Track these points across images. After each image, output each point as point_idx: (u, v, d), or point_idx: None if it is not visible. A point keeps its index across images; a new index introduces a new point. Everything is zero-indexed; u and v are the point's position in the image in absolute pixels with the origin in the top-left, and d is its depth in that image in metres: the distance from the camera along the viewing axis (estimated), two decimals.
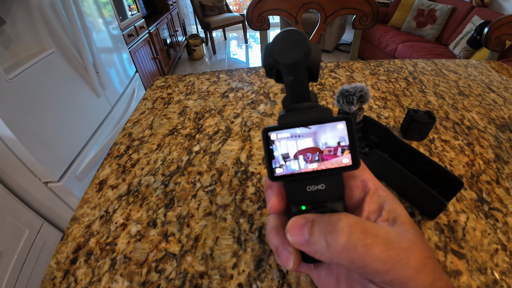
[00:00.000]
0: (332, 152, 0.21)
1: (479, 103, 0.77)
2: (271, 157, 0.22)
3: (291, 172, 0.22)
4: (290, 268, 0.21)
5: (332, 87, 0.86)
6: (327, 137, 0.21)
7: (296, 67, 0.21)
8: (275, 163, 0.22)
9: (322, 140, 0.21)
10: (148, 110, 0.79)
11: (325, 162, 0.21)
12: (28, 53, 1.25)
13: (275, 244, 0.22)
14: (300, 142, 0.21)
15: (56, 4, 1.37)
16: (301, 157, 0.21)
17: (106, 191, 0.54)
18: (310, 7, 1.19)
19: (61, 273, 0.42)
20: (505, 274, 0.39)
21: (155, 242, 0.45)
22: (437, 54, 2.83)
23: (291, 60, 0.21)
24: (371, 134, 0.60)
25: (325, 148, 0.21)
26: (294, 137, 0.21)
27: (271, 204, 0.22)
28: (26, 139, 1.07)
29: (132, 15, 2.41)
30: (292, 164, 0.21)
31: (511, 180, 0.53)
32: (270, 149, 0.22)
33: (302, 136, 0.21)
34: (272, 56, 0.22)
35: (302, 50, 0.21)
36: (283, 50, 0.21)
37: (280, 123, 0.22)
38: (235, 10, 5.56)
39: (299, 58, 0.21)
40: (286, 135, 0.21)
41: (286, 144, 0.22)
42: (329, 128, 0.21)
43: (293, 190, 0.22)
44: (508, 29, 1.10)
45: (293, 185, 0.22)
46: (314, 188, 0.21)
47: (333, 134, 0.21)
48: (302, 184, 0.22)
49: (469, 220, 0.46)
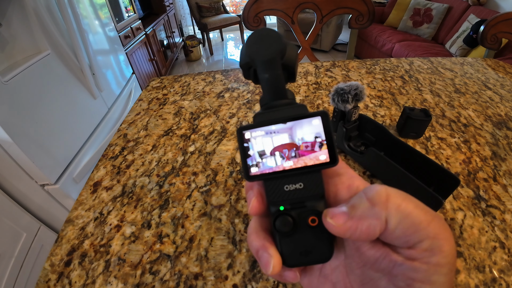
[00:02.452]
0: (309, 148, 0.21)
1: (475, 100, 0.77)
2: (246, 156, 0.21)
3: (267, 171, 0.21)
4: (270, 272, 0.20)
5: (328, 86, 0.86)
6: (304, 133, 0.21)
7: (271, 64, 0.21)
8: (252, 160, 0.21)
9: (298, 136, 0.21)
10: (144, 111, 0.78)
11: (302, 158, 0.21)
12: (24, 55, 1.24)
13: (255, 247, 0.21)
14: (276, 138, 0.21)
15: (52, 6, 1.37)
16: (277, 154, 0.21)
17: (100, 192, 0.54)
18: (306, 7, 1.18)
19: (55, 275, 0.41)
20: (504, 272, 0.39)
21: (149, 244, 0.44)
22: (434, 53, 2.83)
23: (266, 57, 0.21)
24: (367, 133, 0.60)
25: (301, 143, 0.21)
26: (269, 134, 0.21)
27: (251, 206, 0.21)
28: (22, 142, 1.06)
29: (128, 17, 2.40)
30: (268, 161, 0.21)
31: (509, 177, 0.53)
32: (245, 148, 0.21)
33: (278, 132, 0.21)
34: (248, 55, 0.22)
35: (277, 47, 0.21)
36: (258, 48, 0.21)
37: (256, 121, 0.21)
38: (232, 11, 5.55)
39: (274, 54, 0.21)
40: (261, 133, 0.21)
41: (261, 141, 0.21)
42: (305, 124, 0.21)
43: (271, 190, 0.21)
44: (504, 27, 1.10)
45: (271, 185, 0.21)
46: (292, 187, 0.21)
47: (309, 130, 0.21)
48: (279, 183, 0.21)
49: (466, 218, 0.46)
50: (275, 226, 0.21)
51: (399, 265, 0.18)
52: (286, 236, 0.21)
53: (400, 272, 0.18)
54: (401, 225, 0.17)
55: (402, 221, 0.17)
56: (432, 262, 0.17)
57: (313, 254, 0.21)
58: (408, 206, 0.18)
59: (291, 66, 0.22)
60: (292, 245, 0.21)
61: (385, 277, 0.19)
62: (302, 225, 0.21)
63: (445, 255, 0.17)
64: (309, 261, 0.21)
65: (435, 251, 0.17)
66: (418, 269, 0.17)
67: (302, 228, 0.21)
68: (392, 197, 0.18)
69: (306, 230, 0.21)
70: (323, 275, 0.23)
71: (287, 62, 0.22)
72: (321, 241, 0.21)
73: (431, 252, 0.17)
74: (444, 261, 0.17)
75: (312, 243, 0.21)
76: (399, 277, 0.18)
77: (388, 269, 0.18)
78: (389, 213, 0.18)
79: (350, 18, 1.18)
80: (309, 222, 0.21)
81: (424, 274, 0.17)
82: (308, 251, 0.21)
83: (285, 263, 0.21)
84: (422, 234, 0.17)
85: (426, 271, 0.17)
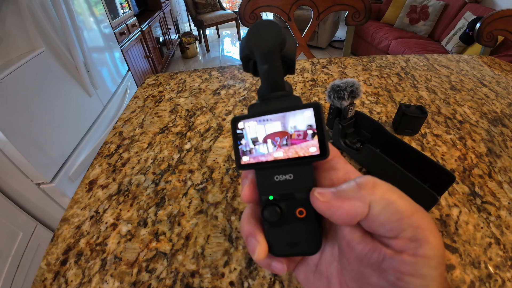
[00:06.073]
0: (301, 136, 0.21)
1: (471, 97, 0.77)
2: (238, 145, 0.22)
3: (258, 160, 0.21)
4: (255, 258, 0.21)
5: (324, 83, 0.85)
6: (296, 122, 0.21)
7: (270, 56, 0.21)
8: (246, 146, 0.22)
9: (291, 124, 0.21)
10: (139, 108, 0.78)
11: (293, 147, 0.21)
12: (18, 53, 1.22)
13: (246, 233, 0.22)
14: (269, 126, 0.21)
15: (46, 3, 1.35)
16: (269, 141, 0.21)
17: (96, 191, 0.54)
18: (303, 3, 1.18)
19: (51, 274, 0.41)
20: (499, 268, 0.39)
21: (145, 242, 0.44)
22: (430, 50, 2.84)
23: (265, 49, 0.21)
24: (363, 129, 0.60)
25: (293, 132, 0.21)
26: (262, 122, 0.21)
27: (243, 193, 0.22)
28: (17, 141, 1.05)
29: (124, 13, 2.38)
30: (261, 148, 0.21)
31: (504, 174, 0.54)
32: (238, 137, 0.22)
33: (271, 120, 0.21)
34: (248, 47, 0.22)
35: (277, 39, 0.21)
36: (258, 40, 0.22)
37: (250, 112, 0.22)
38: (228, 7, 5.52)
39: (273, 47, 0.21)
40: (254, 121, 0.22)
41: (255, 128, 0.22)
42: (298, 114, 0.21)
43: (261, 179, 0.22)
44: (500, 24, 1.11)
45: (261, 175, 0.22)
46: (282, 178, 0.21)
47: (302, 120, 0.21)
48: (270, 173, 0.22)
49: (461, 214, 0.46)
50: (263, 215, 0.21)
51: (388, 259, 0.18)
52: (274, 226, 0.22)
53: (389, 266, 0.18)
54: (385, 211, 0.18)
55: (386, 208, 0.18)
56: (419, 254, 0.17)
57: (300, 246, 0.21)
58: (392, 195, 0.18)
59: (290, 58, 0.22)
60: (280, 235, 0.22)
61: (375, 272, 0.19)
62: (290, 216, 0.21)
63: (431, 246, 0.17)
64: (296, 253, 0.22)
65: (421, 242, 0.17)
66: (406, 262, 0.17)
67: (290, 219, 0.21)
68: (378, 185, 0.19)
69: (294, 222, 0.21)
70: (318, 271, 0.23)
71: (286, 54, 0.22)
72: (308, 233, 0.21)
73: (416, 243, 0.17)
74: (431, 253, 0.17)
75: (299, 235, 0.21)
76: (389, 272, 0.18)
77: (378, 264, 0.18)
78: (373, 198, 0.18)
79: (347, 15, 1.18)
80: (297, 213, 0.21)
81: (412, 267, 0.17)
82: (295, 243, 0.21)
83: (272, 252, 0.22)
84: (405, 222, 0.17)
85: (415, 264, 0.17)
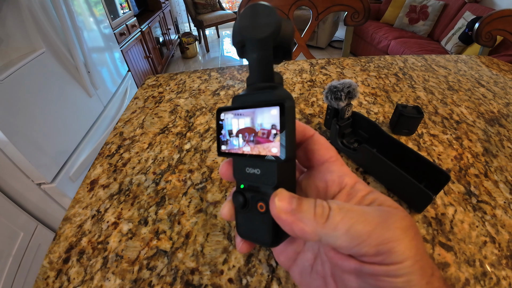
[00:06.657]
0: (265, 136, 0.20)
1: (468, 97, 0.78)
2: (219, 134, 0.23)
3: (232, 151, 0.23)
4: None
5: (322, 84, 0.86)
6: (264, 119, 0.20)
7: (262, 44, 0.20)
8: (224, 137, 0.23)
9: (258, 121, 0.21)
10: (139, 109, 0.79)
11: (257, 145, 0.21)
12: (19, 54, 1.23)
13: None
14: (241, 120, 0.22)
15: (46, 4, 1.35)
16: (240, 136, 0.22)
17: (97, 190, 0.54)
18: (302, 4, 1.19)
19: (54, 272, 0.42)
20: (494, 266, 0.40)
21: (146, 240, 0.45)
22: (429, 50, 2.85)
23: (258, 35, 0.20)
24: (360, 130, 0.60)
25: (259, 130, 0.21)
26: (237, 116, 0.22)
27: (220, 168, 0.24)
28: (18, 141, 1.06)
29: (123, 14, 2.39)
30: (234, 141, 0.22)
31: (500, 173, 0.54)
32: (220, 126, 0.23)
33: (243, 115, 0.22)
34: (240, 32, 0.21)
35: (270, 25, 0.20)
36: (250, 25, 0.20)
37: (232, 104, 0.23)
38: (228, 7, 5.53)
39: (267, 34, 0.20)
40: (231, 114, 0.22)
41: (231, 121, 0.22)
42: (266, 113, 0.20)
43: (236, 168, 0.23)
44: (499, 24, 1.11)
45: (236, 163, 0.23)
46: (251, 171, 0.22)
47: (268, 118, 0.20)
48: (242, 164, 0.22)
49: (457, 213, 0.47)
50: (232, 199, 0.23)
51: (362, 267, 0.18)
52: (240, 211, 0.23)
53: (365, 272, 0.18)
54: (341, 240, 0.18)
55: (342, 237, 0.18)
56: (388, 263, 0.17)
57: (257, 236, 0.22)
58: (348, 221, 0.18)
59: (286, 43, 0.21)
60: (245, 220, 0.23)
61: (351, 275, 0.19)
62: (253, 208, 0.22)
63: (398, 254, 0.17)
64: (255, 240, 0.23)
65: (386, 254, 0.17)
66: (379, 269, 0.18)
67: (252, 210, 0.22)
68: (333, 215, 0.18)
69: (255, 213, 0.22)
70: (314, 271, 0.23)
71: (281, 39, 0.20)
72: (265, 227, 0.22)
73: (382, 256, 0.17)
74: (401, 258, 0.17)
75: (258, 226, 0.22)
76: (367, 276, 0.18)
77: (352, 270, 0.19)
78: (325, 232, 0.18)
79: (346, 16, 1.18)
80: (258, 207, 0.22)
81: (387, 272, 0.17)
82: (254, 231, 0.22)
83: (238, 231, 0.24)
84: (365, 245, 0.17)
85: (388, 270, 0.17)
